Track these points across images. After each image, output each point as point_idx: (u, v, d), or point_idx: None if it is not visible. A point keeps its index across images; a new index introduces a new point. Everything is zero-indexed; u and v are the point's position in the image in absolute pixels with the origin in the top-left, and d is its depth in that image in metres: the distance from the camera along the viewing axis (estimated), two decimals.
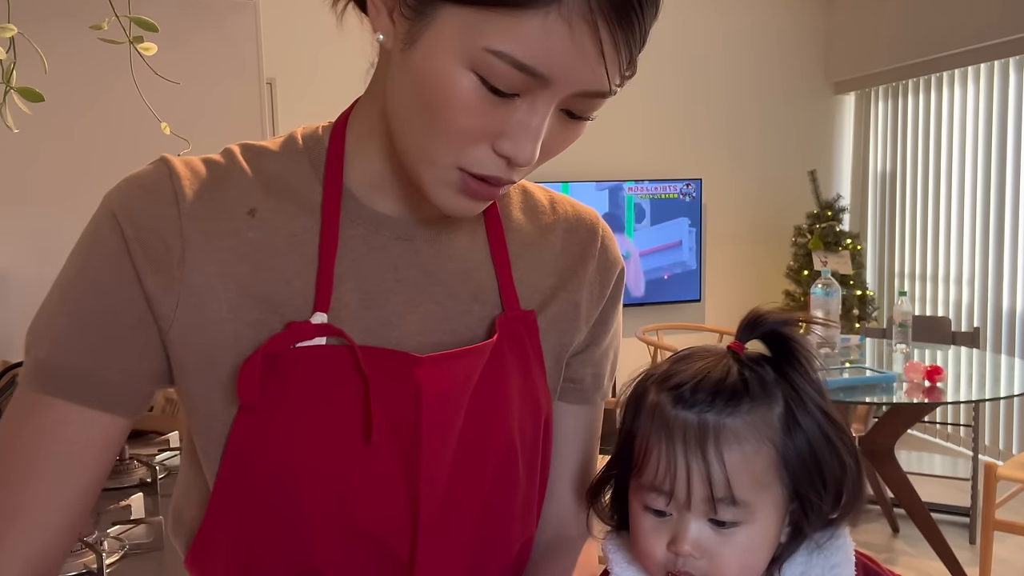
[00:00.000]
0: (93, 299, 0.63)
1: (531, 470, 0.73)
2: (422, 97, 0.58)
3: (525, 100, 0.57)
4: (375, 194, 0.69)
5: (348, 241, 0.67)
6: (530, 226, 0.77)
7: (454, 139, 0.59)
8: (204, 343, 0.63)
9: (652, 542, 0.67)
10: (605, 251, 0.79)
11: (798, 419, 0.66)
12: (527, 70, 0.55)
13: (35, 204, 1.88)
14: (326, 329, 0.63)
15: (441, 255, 0.71)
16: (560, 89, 0.57)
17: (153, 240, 0.62)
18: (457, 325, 0.70)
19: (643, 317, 4.38)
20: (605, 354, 0.81)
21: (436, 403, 0.65)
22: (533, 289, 0.74)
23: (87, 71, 1.81)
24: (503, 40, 0.54)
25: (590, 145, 4.41)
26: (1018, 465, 2.75)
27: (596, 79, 0.57)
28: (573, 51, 0.54)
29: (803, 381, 0.67)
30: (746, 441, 0.64)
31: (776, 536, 0.67)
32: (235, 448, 0.63)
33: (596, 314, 0.79)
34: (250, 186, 0.66)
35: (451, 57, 0.56)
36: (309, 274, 0.65)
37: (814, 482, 0.66)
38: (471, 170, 0.60)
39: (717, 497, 0.63)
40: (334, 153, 0.68)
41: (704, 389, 0.65)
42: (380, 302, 0.67)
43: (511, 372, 0.70)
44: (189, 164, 0.66)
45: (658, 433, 0.66)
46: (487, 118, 0.58)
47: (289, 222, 0.66)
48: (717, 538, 0.65)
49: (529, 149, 0.59)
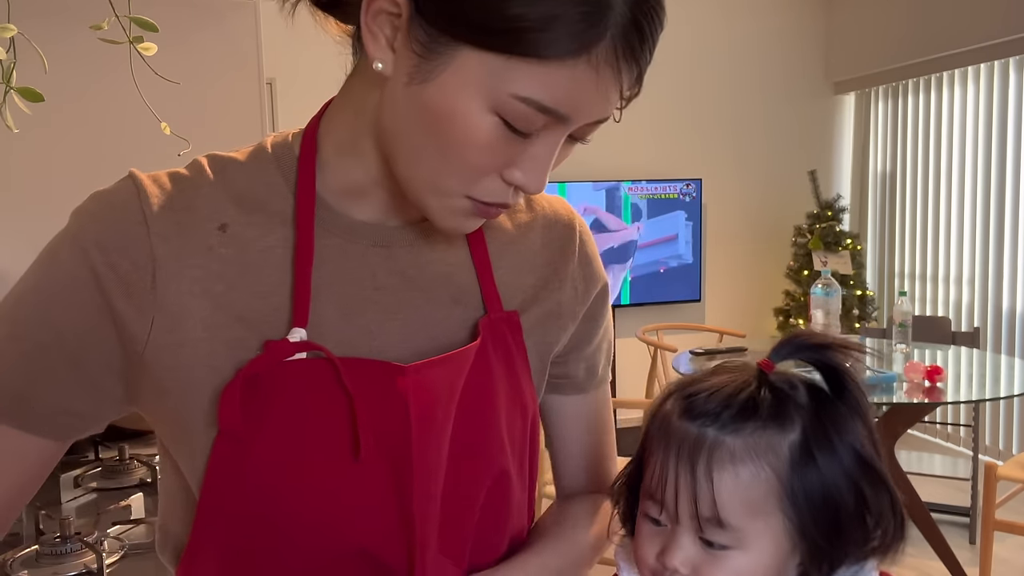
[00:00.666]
0: (39, 327, 0.62)
1: (521, 470, 0.73)
2: (437, 133, 0.58)
3: (541, 135, 0.58)
4: (350, 201, 0.67)
5: (324, 251, 0.66)
6: (509, 225, 0.76)
7: (468, 173, 0.59)
8: (180, 363, 0.62)
9: (646, 549, 0.65)
10: (584, 247, 0.79)
11: (814, 454, 0.61)
12: (551, 113, 0.56)
13: (35, 204, 1.88)
14: (305, 346, 0.61)
15: (420, 260, 0.70)
16: (576, 123, 0.59)
17: (122, 262, 0.61)
18: (439, 331, 0.69)
19: (643, 317, 4.38)
20: (598, 348, 0.82)
21: (424, 413, 0.63)
22: (515, 288, 0.74)
23: (87, 71, 1.81)
24: (531, 87, 0.55)
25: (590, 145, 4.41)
26: (1018, 465, 2.75)
27: (608, 110, 0.59)
28: (597, 93, 0.57)
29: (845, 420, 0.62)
30: (742, 464, 0.60)
31: (776, 570, 0.63)
32: (216, 472, 0.61)
33: (582, 311, 0.78)
34: (220, 200, 0.65)
35: (473, 99, 0.56)
36: (285, 288, 0.64)
37: (823, 525, 0.61)
38: (481, 199, 0.61)
39: (703, 516, 0.60)
40: (306, 161, 0.67)
41: (712, 402, 0.62)
42: (359, 311, 0.66)
43: (497, 376, 0.70)
44: (157, 180, 0.64)
45: (659, 440, 0.64)
46: (503, 155, 0.59)
47: (262, 236, 0.64)
48: (708, 559, 0.62)
49: (540, 179, 0.60)
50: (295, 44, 3.70)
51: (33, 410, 0.63)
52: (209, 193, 0.65)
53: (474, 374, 0.68)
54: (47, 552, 1.18)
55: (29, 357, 0.62)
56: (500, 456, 0.69)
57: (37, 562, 1.18)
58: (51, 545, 1.19)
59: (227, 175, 0.66)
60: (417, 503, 0.63)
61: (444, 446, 0.66)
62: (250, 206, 0.65)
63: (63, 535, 1.20)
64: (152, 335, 0.61)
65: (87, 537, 1.20)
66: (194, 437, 0.63)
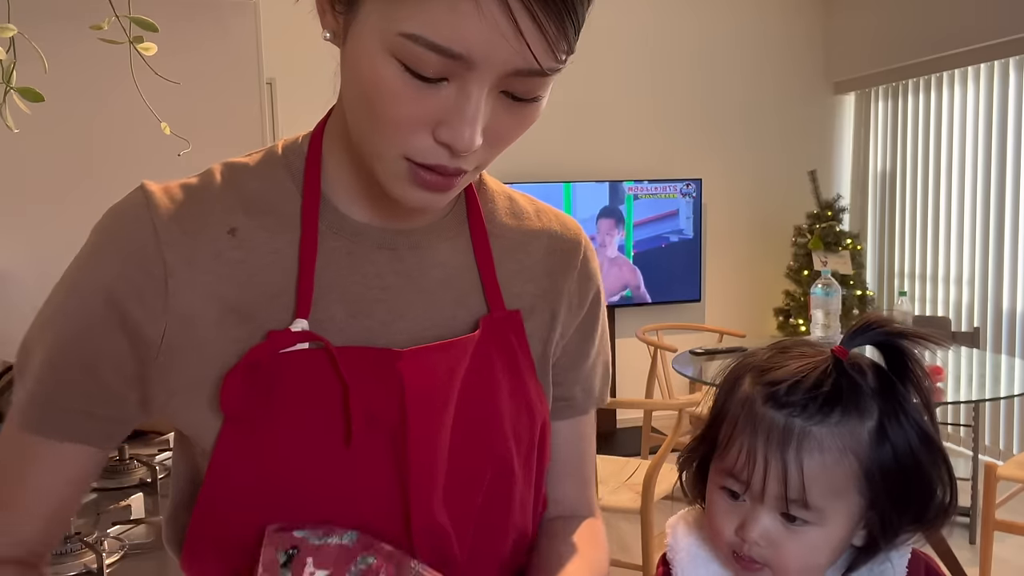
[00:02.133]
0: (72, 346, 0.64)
1: (527, 468, 0.73)
2: (358, 90, 0.59)
3: (454, 84, 0.56)
4: (352, 201, 0.69)
5: (330, 253, 0.67)
6: (514, 232, 0.77)
7: (391, 128, 0.58)
8: (191, 364, 0.64)
9: (723, 522, 0.69)
10: (586, 264, 0.79)
11: (888, 434, 0.66)
12: (443, 51, 0.54)
13: (35, 204, 1.88)
14: (306, 336, 0.63)
15: (424, 262, 0.71)
16: (485, 70, 0.55)
17: (135, 273, 0.63)
18: (443, 332, 0.69)
19: (643, 317, 4.38)
20: (593, 368, 0.82)
21: (419, 394, 0.65)
22: (514, 294, 0.74)
23: (87, 71, 1.81)
24: (414, 23, 0.53)
25: (590, 145, 4.42)
26: (1018, 465, 2.75)
27: (521, 57, 0.55)
28: (486, 29, 0.53)
29: (907, 398, 0.67)
30: (828, 451, 0.65)
31: (845, 542, 0.68)
32: (220, 459, 0.63)
33: (574, 325, 0.79)
34: (229, 206, 0.66)
35: (374, 46, 0.56)
36: (292, 289, 0.65)
37: (896, 501, 0.66)
38: (415, 159, 0.59)
39: (790, 498, 0.65)
40: (312, 161, 0.68)
41: (798, 391, 0.66)
42: (365, 312, 0.67)
43: (499, 370, 0.70)
44: (167, 190, 0.66)
45: (745, 424, 0.67)
46: (418, 105, 0.57)
47: (270, 239, 0.66)
48: (785, 532, 0.66)
49: (467, 134, 0.57)
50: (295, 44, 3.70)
51: (60, 418, 0.65)
52: (219, 199, 0.66)
53: (475, 367, 0.69)
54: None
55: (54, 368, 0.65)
56: (502, 448, 0.70)
57: None
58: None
59: (238, 180, 0.68)
60: (414, 484, 0.64)
61: (444, 432, 0.66)
62: (259, 209, 0.67)
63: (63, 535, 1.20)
64: (165, 340, 0.63)
65: (87, 537, 1.20)
66: (204, 431, 0.64)
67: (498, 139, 0.61)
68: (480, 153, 0.60)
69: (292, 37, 3.81)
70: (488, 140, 0.60)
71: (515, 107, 0.59)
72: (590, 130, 4.38)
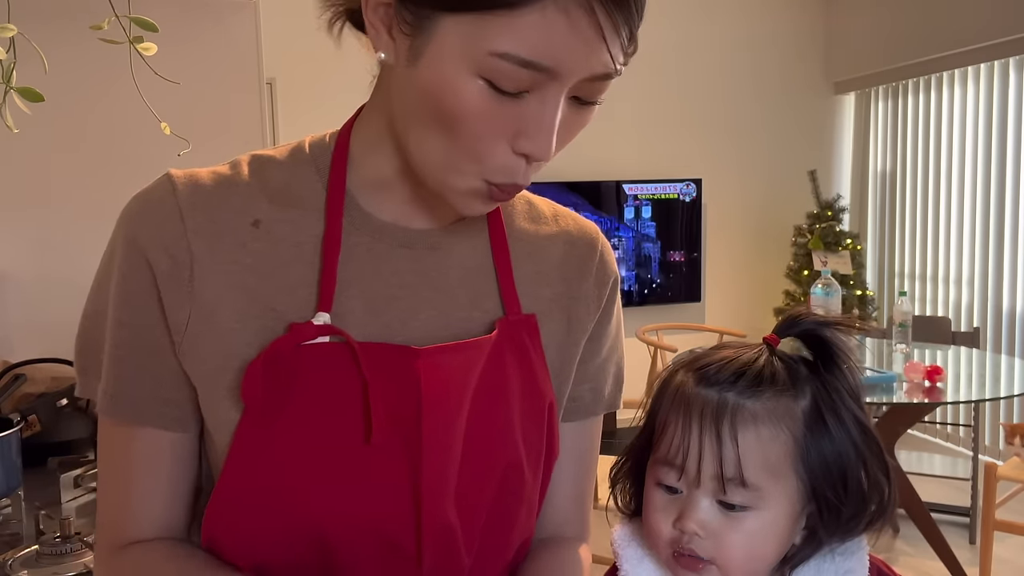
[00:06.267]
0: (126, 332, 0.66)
1: (535, 469, 0.73)
2: (434, 110, 0.59)
3: (535, 95, 0.58)
4: (378, 199, 0.70)
5: (352, 249, 0.68)
6: (532, 235, 0.77)
7: (473, 146, 0.59)
8: (213, 352, 0.64)
9: (660, 519, 0.67)
10: (603, 267, 0.79)
11: (825, 420, 0.65)
12: (532, 66, 0.55)
13: (35, 204, 1.88)
14: (327, 329, 0.64)
15: (443, 263, 0.71)
16: (567, 79, 0.57)
17: (163, 259, 0.64)
18: (459, 332, 0.70)
19: (643, 317, 4.38)
20: (603, 368, 0.81)
21: (436, 395, 0.65)
22: (531, 297, 0.75)
23: (87, 71, 1.81)
24: (505, 41, 0.54)
25: (590, 145, 4.42)
26: (1018, 465, 2.75)
27: (601, 63, 0.57)
28: (574, 40, 0.55)
29: (839, 386, 0.66)
30: (763, 425, 0.64)
31: (787, 531, 0.67)
32: (239, 450, 0.63)
33: (590, 328, 0.78)
34: (254, 197, 0.67)
35: (457, 67, 0.56)
36: (314, 282, 0.66)
37: (835, 487, 0.65)
38: (495, 181, 0.61)
39: (727, 476, 0.63)
40: (339, 157, 0.69)
41: (729, 370, 0.66)
42: (384, 308, 0.68)
43: (511, 373, 0.71)
44: (193, 177, 0.67)
45: (677, 409, 0.67)
46: (500, 120, 0.58)
47: (294, 232, 0.67)
48: (725, 521, 0.65)
49: (546, 143, 0.59)
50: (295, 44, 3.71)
51: (143, 406, 0.67)
52: (245, 190, 0.67)
53: (489, 368, 0.69)
54: (47, 552, 1.18)
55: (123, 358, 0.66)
56: (512, 451, 0.70)
57: (37, 562, 1.18)
58: (51, 545, 1.19)
59: (264, 173, 0.69)
60: (426, 483, 0.65)
61: (457, 431, 0.67)
62: (284, 202, 0.68)
63: (63, 535, 1.20)
64: (189, 327, 0.64)
65: (87, 537, 1.20)
66: (222, 423, 0.65)
67: (560, 142, 0.62)
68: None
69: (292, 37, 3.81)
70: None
71: (579, 110, 0.61)
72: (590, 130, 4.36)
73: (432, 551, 0.66)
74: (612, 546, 0.74)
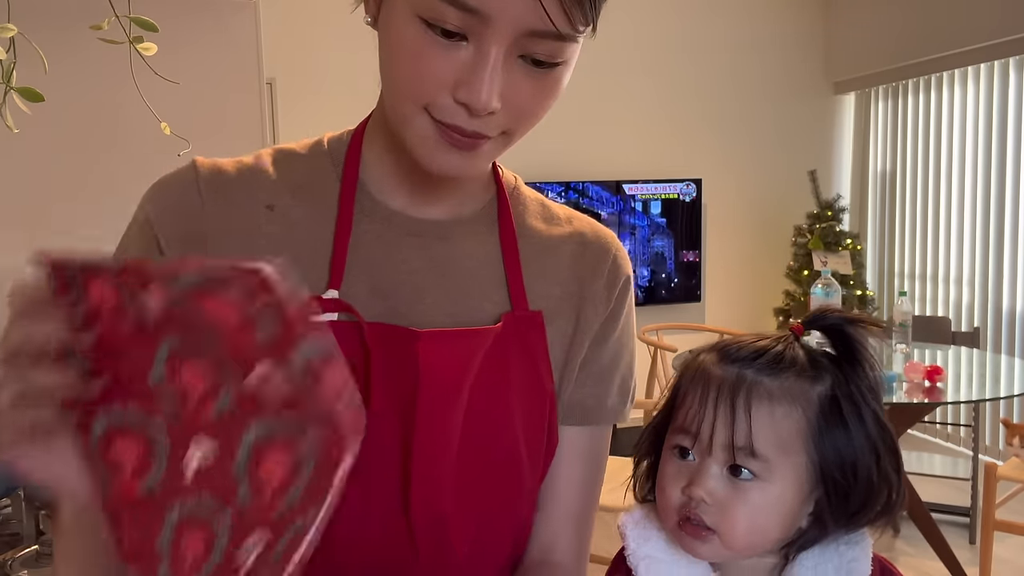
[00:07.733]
0: None
1: (534, 470, 0.73)
2: (387, 55, 0.62)
3: (472, 43, 0.58)
4: (389, 189, 0.72)
5: (362, 236, 0.70)
6: (544, 234, 0.77)
7: (415, 86, 0.60)
8: None
9: (671, 484, 0.69)
10: (615, 272, 0.79)
11: (842, 408, 0.67)
12: (459, 4, 0.56)
13: (35, 204, 1.88)
14: (336, 304, 0.65)
15: (452, 254, 0.72)
16: (501, 27, 0.57)
17: (177, 233, 0.67)
18: (465, 320, 0.71)
19: (643, 317, 4.38)
20: (606, 374, 0.79)
21: (434, 377, 0.66)
22: (539, 295, 0.75)
23: (87, 71, 1.81)
24: None
25: (590, 145, 4.42)
26: (1018, 465, 2.75)
27: (535, 15, 0.56)
28: None
29: (859, 382, 0.68)
30: (778, 403, 0.66)
31: (793, 511, 0.67)
32: None
33: (596, 328, 0.78)
34: (272, 185, 0.70)
35: (402, 10, 0.59)
36: (324, 265, 0.68)
37: (845, 473, 0.67)
38: (435, 115, 0.61)
39: (737, 445, 0.65)
40: (353, 150, 0.72)
41: (750, 349, 0.68)
42: (390, 292, 0.70)
43: (514, 367, 0.71)
44: (216, 164, 0.71)
45: (697, 383, 0.68)
46: (439, 63, 0.59)
47: (307, 217, 0.70)
48: (732, 491, 0.66)
49: (483, 92, 0.59)
50: (295, 44, 3.71)
51: None
52: (263, 177, 0.71)
53: (491, 360, 0.69)
54: (47, 552, 1.19)
55: None
56: (510, 445, 0.70)
57: (37, 562, 1.18)
58: (51, 545, 1.19)
59: (285, 164, 0.72)
60: (416, 468, 0.65)
61: (454, 418, 0.67)
62: (300, 192, 0.71)
63: None
64: None
65: None
66: None
67: (520, 106, 0.62)
68: (502, 120, 0.62)
69: (292, 37, 3.81)
70: (509, 107, 0.61)
71: (536, 74, 0.61)
72: (590, 130, 4.38)
73: (423, 541, 0.67)
74: (619, 528, 0.74)
